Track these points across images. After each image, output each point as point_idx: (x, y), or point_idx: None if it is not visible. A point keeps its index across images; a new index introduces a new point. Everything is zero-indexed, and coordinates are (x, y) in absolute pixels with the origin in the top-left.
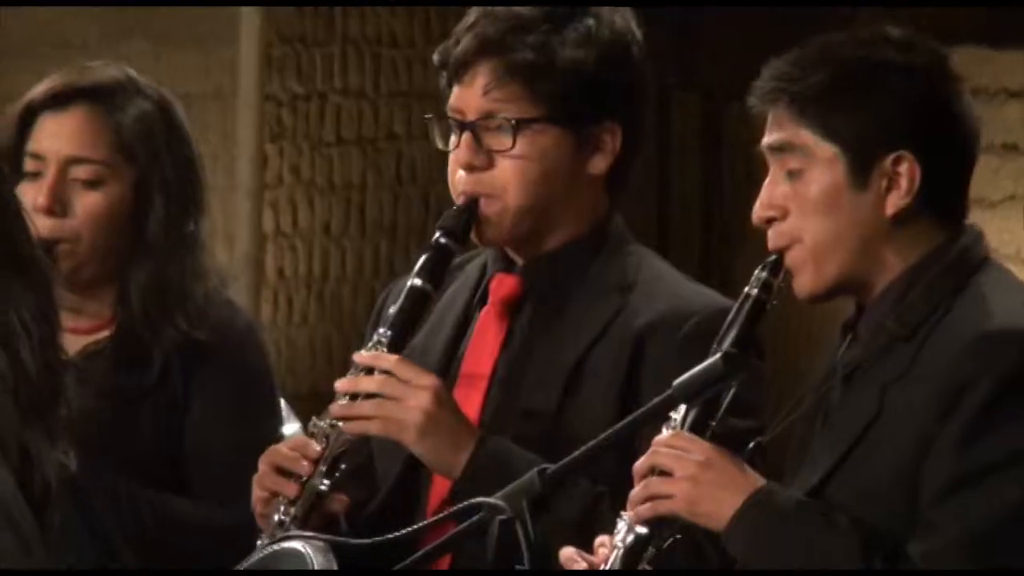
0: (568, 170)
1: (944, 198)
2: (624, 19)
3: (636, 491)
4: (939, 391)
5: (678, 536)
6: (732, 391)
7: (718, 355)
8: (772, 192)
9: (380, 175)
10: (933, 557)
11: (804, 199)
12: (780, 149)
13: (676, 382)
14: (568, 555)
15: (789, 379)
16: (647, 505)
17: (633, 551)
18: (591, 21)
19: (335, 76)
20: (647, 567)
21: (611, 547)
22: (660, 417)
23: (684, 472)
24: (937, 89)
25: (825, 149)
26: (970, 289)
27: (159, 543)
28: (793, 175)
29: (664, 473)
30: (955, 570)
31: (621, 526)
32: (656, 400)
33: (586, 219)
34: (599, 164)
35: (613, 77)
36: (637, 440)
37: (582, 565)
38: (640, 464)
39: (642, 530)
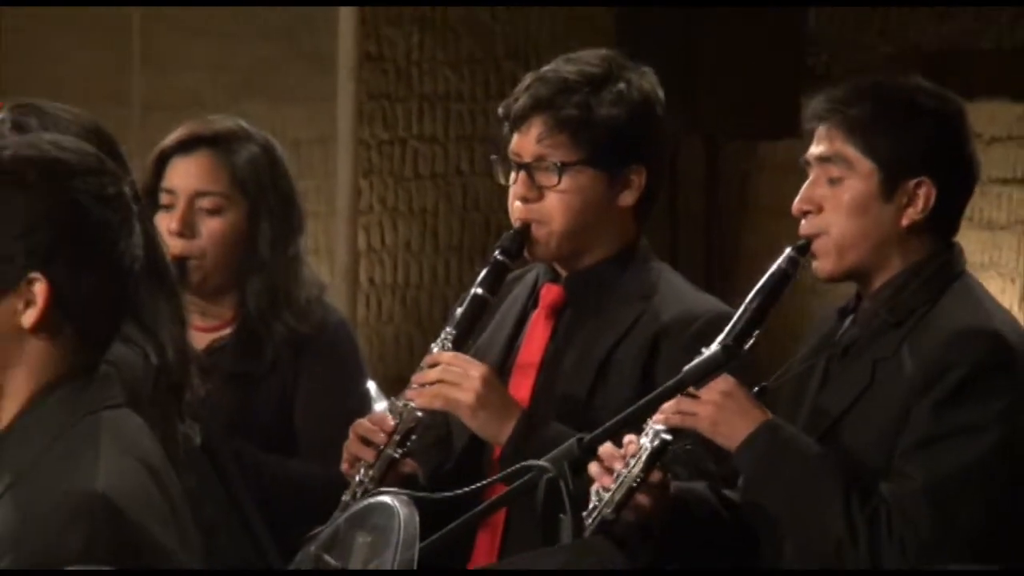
0: (603, 203)
1: (946, 219)
2: (649, 82)
3: (668, 405)
4: (922, 370)
5: (689, 446)
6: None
7: (718, 347)
8: (812, 192)
9: (450, 204)
10: (899, 497)
11: (839, 201)
12: (827, 159)
13: (685, 368)
14: (606, 451)
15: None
16: (676, 416)
17: (656, 451)
18: (623, 85)
19: (413, 125)
20: (666, 470)
21: (638, 444)
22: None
23: (710, 397)
24: (957, 134)
25: (865, 164)
26: (950, 292)
27: (275, 496)
28: (834, 181)
29: (691, 396)
30: (918, 511)
31: (649, 430)
32: (669, 383)
33: (617, 241)
34: (628, 198)
35: (640, 130)
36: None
37: (618, 460)
38: (668, 403)
39: (667, 436)
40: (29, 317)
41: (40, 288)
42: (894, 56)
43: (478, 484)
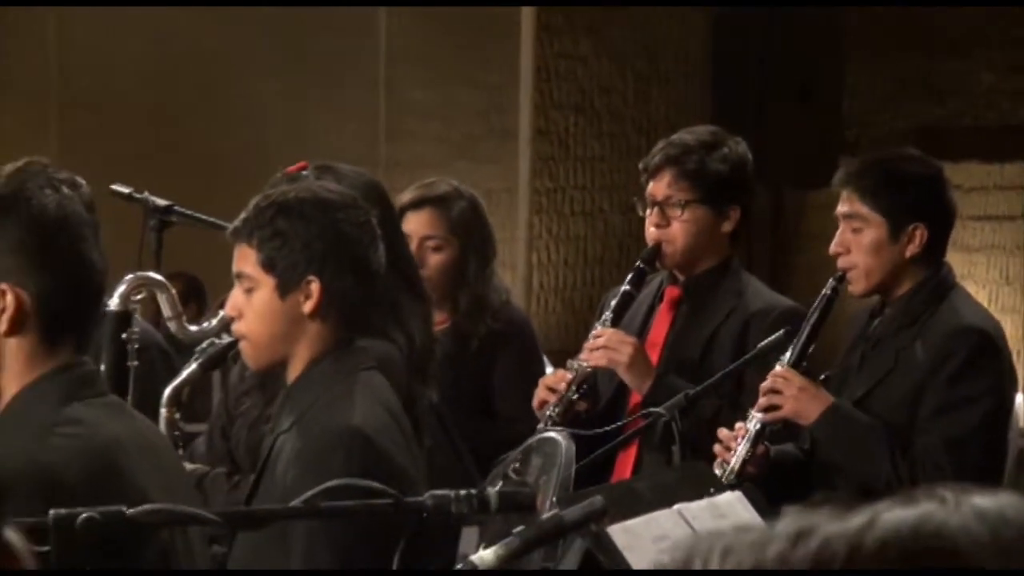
0: (710, 230)
1: (937, 249)
2: (744, 148)
3: (761, 401)
4: (931, 357)
5: (778, 427)
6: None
7: (781, 332)
8: (842, 239)
9: (595, 232)
10: (927, 449)
11: (861, 245)
12: (850, 216)
13: (760, 344)
14: (724, 434)
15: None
16: (769, 406)
17: (759, 432)
18: (726, 149)
19: (570, 178)
20: (766, 444)
21: (745, 429)
22: (757, 363)
23: (790, 392)
24: (939, 189)
25: (876, 218)
26: (948, 300)
27: (485, 446)
28: (856, 231)
29: (776, 391)
30: (941, 459)
31: (751, 418)
32: (749, 354)
33: (719, 256)
34: (727, 227)
35: (737, 180)
36: (744, 376)
37: (732, 439)
38: (764, 385)
39: (763, 421)
40: (308, 307)
41: (315, 287)
42: (903, 131)
43: (618, 423)
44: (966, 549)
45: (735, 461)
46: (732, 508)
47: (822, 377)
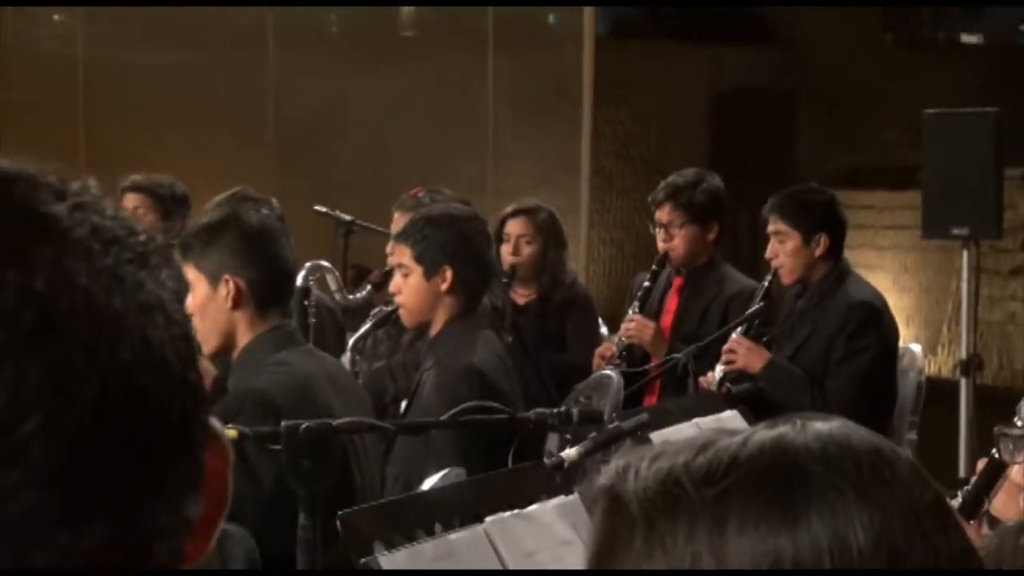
0: (701, 238)
1: (837, 249)
2: (718, 180)
3: (723, 358)
4: (835, 323)
5: (736, 374)
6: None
7: (758, 306)
8: (773, 248)
9: (634, 238)
10: (835, 386)
11: (786, 251)
12: (776, 232)
13: (745, 313)
14: (702, 380)
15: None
16: (729, 359)
17: (722, 379)
18: (706, 184)
19: (614, 202)
20: (728, 386)
21: (714, 374)
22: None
23: (741, 351)
24: (835, 209)
25: (793, 232)
26: (844, 284)
27: (560, 377)
28: (781, 242)
29: (732, 351)
30: (845, 392)
31: (717, 369)
32: (732, 323)
33: (707, 254)
34: (711, 236)
35: (714, 205)
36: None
37: (707, 383)
38: (724, 347)
39: (724, 370)
40: (444, 287)
41: (449, 273)
42: (838, 171)
43: (647, 366)
44: (803, 461)
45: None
46: (731, 421)
47: (764, 340)
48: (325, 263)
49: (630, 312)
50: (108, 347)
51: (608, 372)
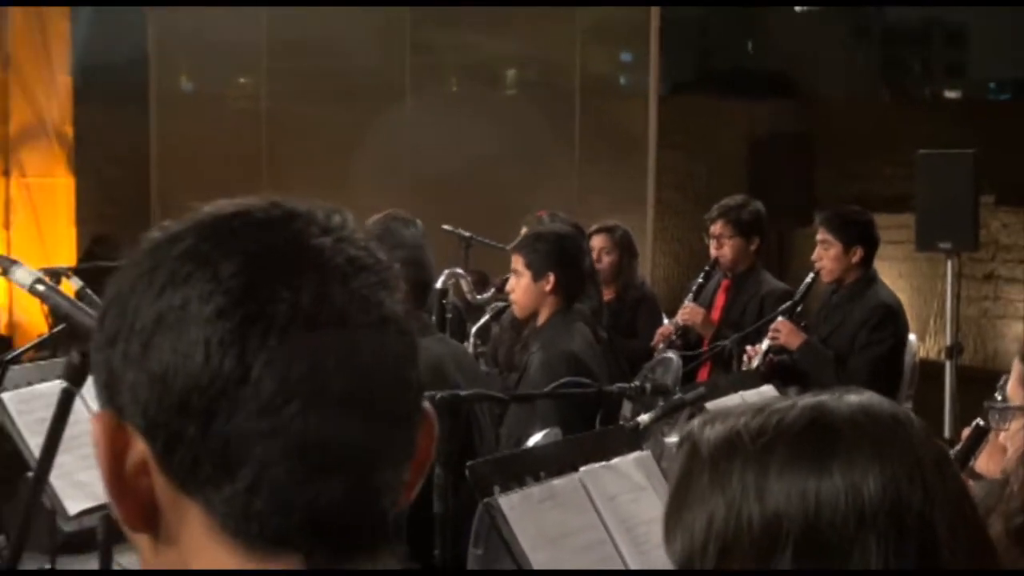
0: (745, 247)
1: (869, 259)
2: (759, 205)
3: (769, 335)
4: (860, 318)
5: (778, 349)
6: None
7: (790, 303)
8: (818, 252)
9: (688, 250)
10: (855, 366)
11: (828, 256)
12: (822, 241)
13: (779, 309)
14: (750, 350)
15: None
16: (774, 339)
17: (767, 351)
18: (750, 207)
19: (673, 221)
20: (771, 356)
21: (759, 348)
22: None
23: (784, 331)
24: (871, 227)
25: (835, 242)
26: (872, 287)
27: (632, 358)
28: (825, 249)
29: (777, 331)
30: (863, 373)
31: (764, 343)
32: (769, 316)
33: (749, 263)
34: (754, 246)
35: (756, 224)
36: (764, 327)
37: (754, 353)
38: (771, 327)
39: (769, 346)
40: (548, 288)
41: (552, 277)
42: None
43: (700, 350)
44: (834, 423)
45: (757, 361)
46: (768, 393)
47: (802, 324)
48: (460, 270)
49: (686, 301)
50: (354, 351)
51: (670, 355)
